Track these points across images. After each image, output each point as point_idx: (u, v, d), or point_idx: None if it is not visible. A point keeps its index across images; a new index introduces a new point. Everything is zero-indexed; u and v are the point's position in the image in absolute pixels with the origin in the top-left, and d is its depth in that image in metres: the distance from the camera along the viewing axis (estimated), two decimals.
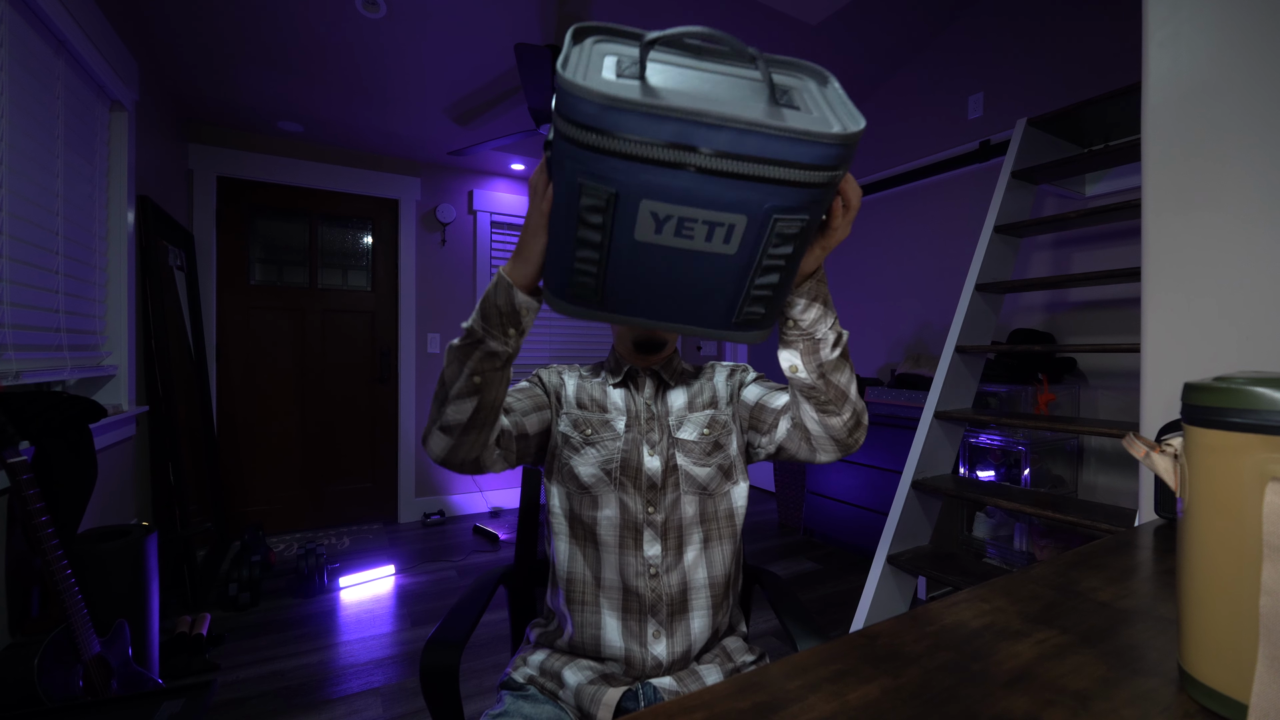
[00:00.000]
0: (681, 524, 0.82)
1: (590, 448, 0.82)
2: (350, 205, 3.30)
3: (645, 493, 0.81)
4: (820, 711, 0.38)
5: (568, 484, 0.82)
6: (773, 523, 3.34)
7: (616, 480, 0.81)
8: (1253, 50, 0.76)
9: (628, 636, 0.78)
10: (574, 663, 0.79)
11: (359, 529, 3.27)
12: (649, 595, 0.78)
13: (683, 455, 0.83)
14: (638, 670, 0.77)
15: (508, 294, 0.61)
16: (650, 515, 0.80)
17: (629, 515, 0.80)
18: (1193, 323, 0.81)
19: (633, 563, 0.79)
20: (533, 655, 0.82)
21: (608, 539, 0.79)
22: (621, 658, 0.77)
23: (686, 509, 0.82)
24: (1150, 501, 0.84)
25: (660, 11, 2.34)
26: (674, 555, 0.81)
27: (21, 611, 1.22)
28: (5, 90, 1.30)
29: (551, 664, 0.80)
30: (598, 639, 0.78)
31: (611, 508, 0.80)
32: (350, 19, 2.18)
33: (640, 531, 0.80)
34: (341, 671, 1.81)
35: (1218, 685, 0.37)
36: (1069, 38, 2.35)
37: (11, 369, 1.31)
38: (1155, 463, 0.45)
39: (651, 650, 0.77)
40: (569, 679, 0.77)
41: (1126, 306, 2.16)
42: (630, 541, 0.79)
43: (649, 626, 0.78)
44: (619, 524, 0.80)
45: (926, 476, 1.99)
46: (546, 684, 0.79)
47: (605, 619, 0.78)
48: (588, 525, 0.80)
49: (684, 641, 0.79)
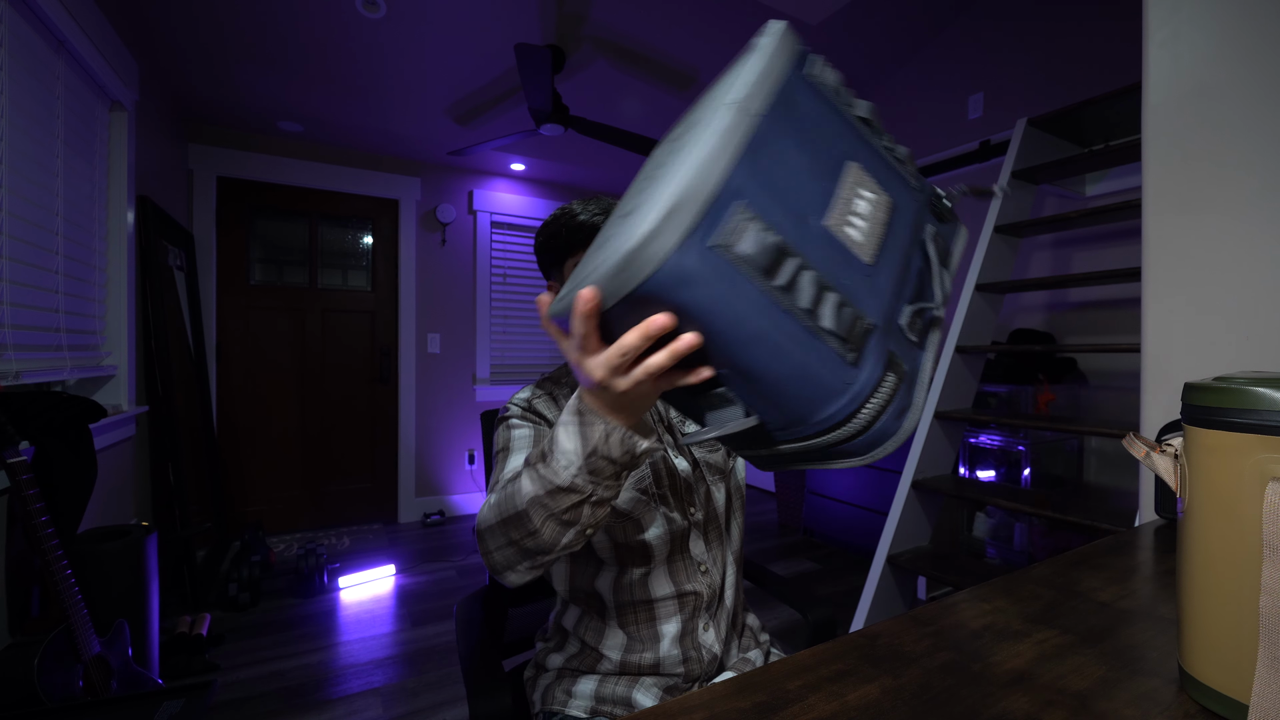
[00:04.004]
0: (717, 513, 0.82)
1: None
2: (350, 205, 3.30)
3: (685, 496, 0.79)
4: (820, 711, 0.38)
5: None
6: (773, 523, 3.34)
7: (654, 495, 0.78)
8: (1253, 50, 0.76)
9: (683, 640, 0.77)
10: (639, 684, 0.76)
11: (359, 529, 3.27)
12: (705, 592, 0.78)
13: (698, 447, 0.82)
14: (696, 672, 0.77)
15: (627, 443, 0.50)
16: (693, 516, 0.79)
17: (675, 525, 0.78)
18: (1193, 323, 0.81)
19: (682, 568, 0.78)
20: (578, 685, 0.78)
21: (659, 555, 0.77)
22: (680, 663, 0.76)
23: (717, 497, 0.82)
24: (1150, 501, 0.84)
25: (658, 10, 2.34)
26: (717, 546, 0.81)
27: (21, 611, 1.22)
28: (5, 90, 1.30)
29: (611, 690, 0.76)
30: (656, 653, 0.76)
31: (658, 525, 0.77)
32: (350, 19, 2.18)
33: (687, 536, 0.78)
34: (341, 671, 1.81)
35: (1218, 685, 0.37)
36: (1069, 38, 2.34)
37: (11, 369, 1.31)
38: (1155, 463, 0.45)
39: (704, 644, 0.77)
40: (643, 700, 0.74)
41: (1126, 306, 2.16)
42: (679, 549, 0.78)
43: (700, 621, 0.78)
44: (668, 539, 0.77)
45: (926, 476, 1.99)
46: (616, 710, 0.75)
47: (662, 630, 0.76)
48: (636, 549, 0.76)
49: (725, 621, 0.80)
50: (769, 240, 0.34)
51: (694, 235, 0.33)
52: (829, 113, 0.41)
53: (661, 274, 0.34)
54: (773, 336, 0.35)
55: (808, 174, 0.38)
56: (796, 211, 0.36)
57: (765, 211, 0.35)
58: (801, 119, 0.39)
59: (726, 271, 0.34)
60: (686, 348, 0.36)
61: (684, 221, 0.33)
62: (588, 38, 2.44)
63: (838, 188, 0.39)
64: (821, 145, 0.39)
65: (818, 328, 0.35)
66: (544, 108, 2.29)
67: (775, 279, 0.35)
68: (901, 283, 0.40)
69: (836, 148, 0.40)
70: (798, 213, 0.36)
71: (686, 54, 2.61)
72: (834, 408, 0.36)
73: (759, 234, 0.34)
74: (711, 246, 0.34)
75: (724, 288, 0.34)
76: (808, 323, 0.35)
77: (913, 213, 0.43)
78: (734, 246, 0.34)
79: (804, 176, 0.37)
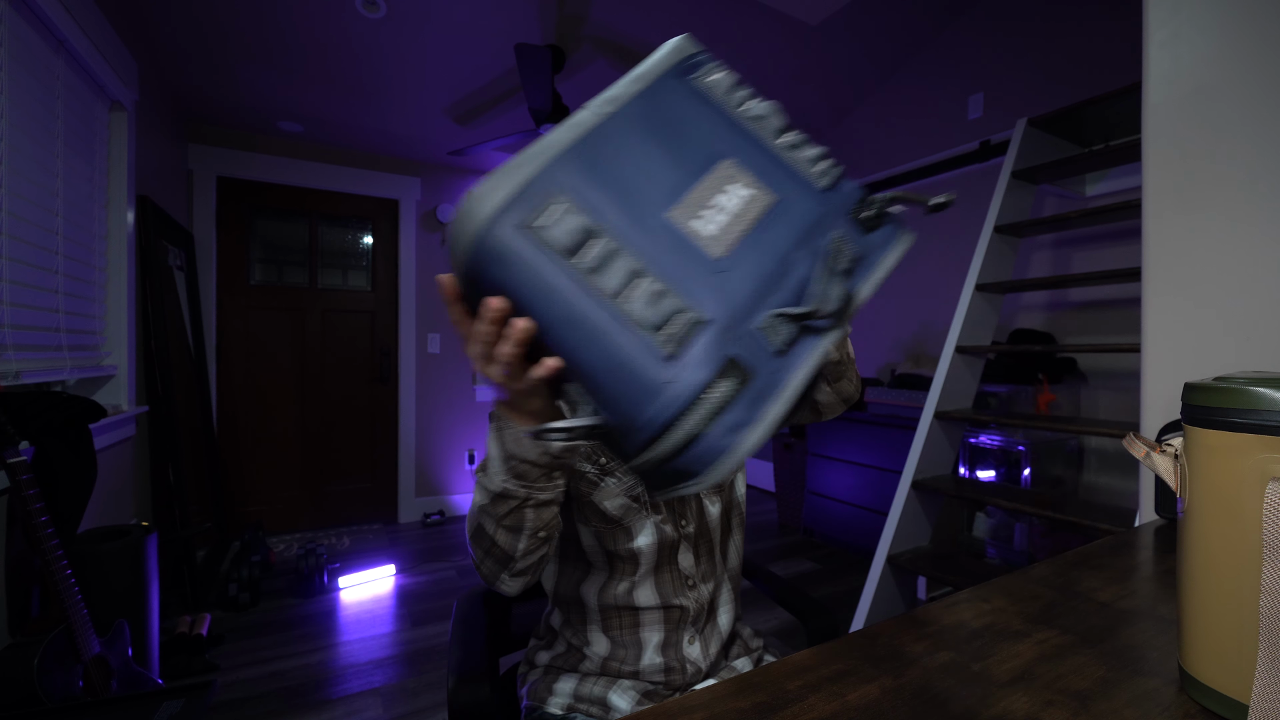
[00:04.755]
0: (709, 528, 0.81)
1: (610, 477, 0.77)
2: (350, 205, 3.30)
3: (676, 507, 0.79)
4: (820, 711, 0.38)
5: (593, 521, 0.77)
6: (773, 523, 3.34)
7: (645, 504, 0.77)
8: (1253, 51, 0.76)
9: (666, 650, 0.77)
10: (616, 686, 0.77)
11: (359, 529, 3.27)
12: (691, 606, 0.77)
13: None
14: (678, 681, 0.77)
15: (538, 443, 0.49)
16: (684, 528, 0.79)
17: (665, 535, 0.77)
18: (1193, 323, 0.81)
19: (669, 580, 0.77)
20: (559, 683, 0.79)
21: (647, 565, 0.77)
22: (661, 672, 0.76)
23: (711, 511, 0.81)
24: (1150, 501, 0.84)
25: (658, 10, 2.34)
26: (707, 562, 0.80)
27: (21, 611, 1.22)
28: (5, 90, 1.30)
29: (589, 690, 0.77)
30: (638, 659, 0.76)
31: (648, 534, 0.76)
32: (350, 19, 2.18)
33: (676, 548, 0.78)
34: (341, 671, 1.81)
35: (1218, 685, 0.37)
36: (1069, 38, 2.34)
37: (11, 369, 1.31)
38: (1155, 463, 0.45)
39: (688, 657, 0.77)
40: (617, 702, 0.75)
41: (1126, 306, 2.16)
42: (666, 560, 0.77)
43: (685, 634, 0.77)
44: (657, 548, 0.77)
45: (926, 476, 1.99)
46: (592, 710, 0.76)
47: (644, 638, 0.77)
48: (625, 557, 0.76)
49: (715, 640, 0.80)
50: (577, 222, 0.35)
51: (506, 213, 0.35)
52: (707, 113, 0.41)
53: (477, 247, 0.35)
54: (584, 321, 0.35)
55: (660, 168, 0.38)
56: (633, 202, 0.37)
57: (584, 197, 0.36)
58: (666, 117, 0.40)
59: (533, 251, 0.35)
60: (520, 331, 0.37)
61: (498, 199, 0.35)
62: (588, 38, 2.44)
63: (696, 183, 0.38)
64: (688, 142, 0.40)
65: (626, 313, 0.34)
66: (544, 108, 2.29)
67: (582, 260, 0.35)
68: (769, 285, 0.37)
69: (709, 146, 0.40)
70: (634, 203, 0.37)
71: None
72: (653, 409, 0.34)
73: (569, 216, 0.35)
74: (521, 226, 0.35)
75: (532, 267, 0.35)
76: (614, 307, 0.34)
77: (807, 215, 0.40)
78: (545, 228, 0.35)
79: (654, 171, 0.38)
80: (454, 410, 3.55)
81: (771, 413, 0.35)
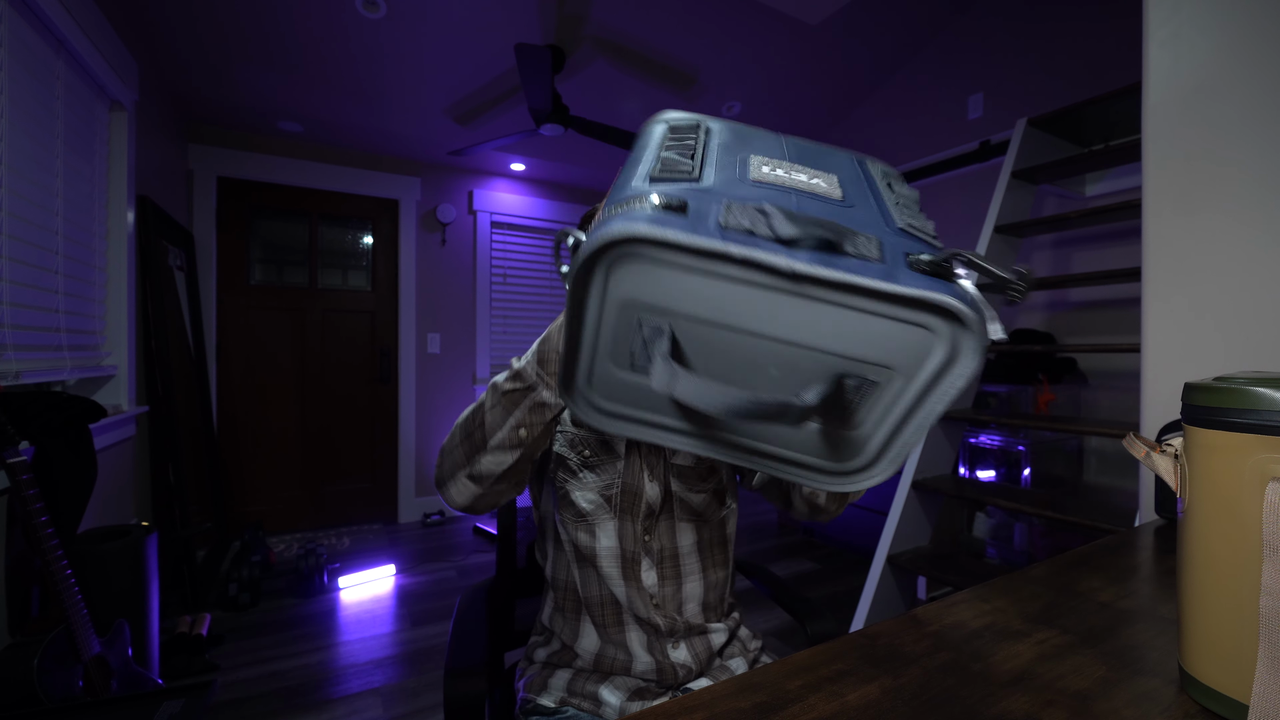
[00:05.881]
0: (678, 553, 0.80)
1: (589, 472, 0.78)
2: (350, 205, 3.30)
3: (643, 520, 0.78)
4: (820, 711, 0.38)
5: (564, 511, 0.78)
6: (773, 523, 3.34)
7: (616, 507, 0.77)
8: (1253, 50, 0.76)
9: (654, 651, 0.77)
10: (607, 681, 0.77)
11: (359, 529, 3.27)
12: (663, 625, 0.77)
13: (678, 481, 0.80)
14: (670, 680, 0.77)
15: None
16: (647, 542, 0.78)
17: (626, 544, 0.77)
18: (1193, 323, 0.81)
19: (636, 595, 0.77)
20: (554, 678, 0.80)
21: (610, 571, 0.77)
22: (653, 671, 0.77)
23: (683, 538, 0.80)
24: (1150, 501, 0.84)
25: (658, 10, 2.34)
26: (673, 585, 0.79)
27: (21, 611, 1.22)
28: (5, 90, 1.30)
29: (582, 685, 0.78)
30: (628, 656, 0.77)
31: (609, 538, 0.77)
32: (350, 19, 2.18)
33: (638, 561, 0.78)
34: (341, 671, 1.81)
35: (1218, 685, 0.37)
36: (1069, 38, 2.34)
37: (11, 369, 1.31)
38: (1155, 463, 0.45)
39: (676, 660, 0.77)
40: (608, 698, 0.76)
41: (1126, 306, 2.16)
42: (630, 572, 0.77)
43: (667, 643, 0.78)
44: (618, 554, 0.77)
45: (926, 476, 1.99)
46: (584, 704, 0.77)
47: (630, 637, 0.77)
48: (586, 555, 0.77)
49: (705, 649, 0.79)
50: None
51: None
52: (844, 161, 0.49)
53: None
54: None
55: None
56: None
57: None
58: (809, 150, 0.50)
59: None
60: None
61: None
62: (588, 38, 2.44)
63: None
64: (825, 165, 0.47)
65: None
66: (544, 108, 2.29)
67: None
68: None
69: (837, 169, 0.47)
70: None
71: (686, 54, 2.61)
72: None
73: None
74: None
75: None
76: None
77: (864, 223, 0.39)
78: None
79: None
80: (454, 410, 3.55)
81: (644, 207, 0.36)
